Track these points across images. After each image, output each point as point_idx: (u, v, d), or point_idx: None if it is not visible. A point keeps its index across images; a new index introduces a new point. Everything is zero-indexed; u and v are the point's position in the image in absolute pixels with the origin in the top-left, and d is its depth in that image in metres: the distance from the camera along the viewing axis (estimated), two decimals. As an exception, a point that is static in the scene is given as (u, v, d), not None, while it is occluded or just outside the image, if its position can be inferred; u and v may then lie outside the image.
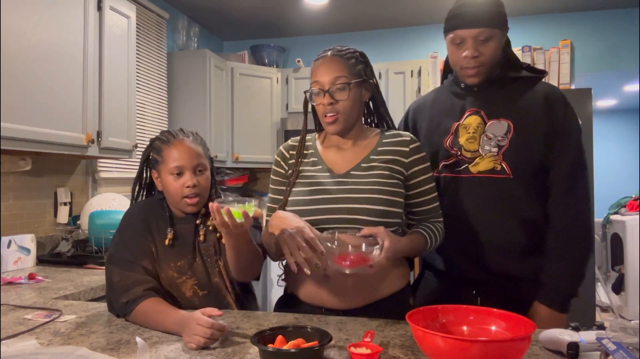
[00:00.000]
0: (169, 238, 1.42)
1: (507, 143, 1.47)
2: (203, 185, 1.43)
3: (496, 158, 1.48)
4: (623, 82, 5.38)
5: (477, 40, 1.44)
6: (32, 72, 2.05)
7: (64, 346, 1.14)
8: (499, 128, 1.49)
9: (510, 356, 0.90)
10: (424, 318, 1.04)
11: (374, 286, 1.32)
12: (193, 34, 3.99)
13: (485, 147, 1.49)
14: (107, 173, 3.09)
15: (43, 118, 2.09)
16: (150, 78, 3.54)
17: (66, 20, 2.23)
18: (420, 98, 1.75)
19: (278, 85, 4.21)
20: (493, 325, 1.06)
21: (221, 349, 1.11)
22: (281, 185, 1.45)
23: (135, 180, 1.52)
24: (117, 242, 1.43)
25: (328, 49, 1.40)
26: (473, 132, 1.51)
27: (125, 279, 1.34)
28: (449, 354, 0.90)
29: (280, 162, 1.47)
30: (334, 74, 1.33)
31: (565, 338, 1.05)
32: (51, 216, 2.66)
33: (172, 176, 1.40)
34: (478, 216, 1.49)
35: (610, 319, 3.26)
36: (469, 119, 1.53)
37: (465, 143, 1.52)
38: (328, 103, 1.33)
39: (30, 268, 2.31)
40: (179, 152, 1.40)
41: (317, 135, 1.49)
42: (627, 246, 4.52)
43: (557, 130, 1.47)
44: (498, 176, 1.48)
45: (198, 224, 1.46)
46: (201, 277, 1.43)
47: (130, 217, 1.47)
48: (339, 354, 1.07)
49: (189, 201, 1.40)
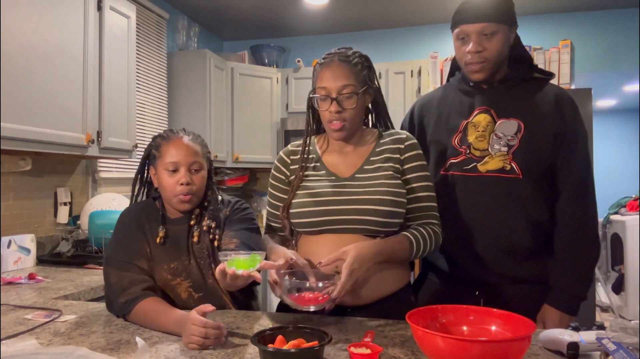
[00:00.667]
0: (160, 236, 1.42)
1: (517, 142, 1.47)
2: (197, 185, 1.42)
3: (506, 157, 1.47)
4: (623, 82, 5.38)
5: (481, 35, 1.44)
6: (32, 72, 2.05)
7: (63, 346, 1.14)
8: (509, 128, 1.48)
9: (511, 356, 0.90)
10: (424, 318, 1.04)
11: (373, 286, 1.32)
12: (193, 34, 3.99)
13: (495, 145, 1.49)
14: (107, 173, 3.09)
15: (43, 118, 2.09)
16: (150, 78, 3.54)
17: (66, 20, 2.23)
18: (426, 95, 1.73)
19: (278, 85, 4.21)
20: (493, 325, 1.06)
21: (221, 349, 1.11)
22: (281, 191, 1.45)
23: (135, 177, 1.52)
24: (113, 244, 1.44)
25: (333, 51, 1.38)
26: (482, 130, 1.50)
27: (122, 279, 1.34)
28: (449, 354, 0.90)
29: (280, 167, 1.47)
30: (342, 82, 1.33)
31: (565, 338, 1.05)
32: (51, 216, 2.66)
33: (167, 172, 1.40)
34: (484, 216, 1.48)
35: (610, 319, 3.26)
36: (479, 117, 1.52)
37: (474, 141, 1.51)
38: (335, 111, 1.33)
39: (30, 268, 2.31)
40: (176, 148, 1.41)
41: (315, 140, 1.49)
42: (627, 246, 4.52)
43: (566, 132, 1.47)
44: (507, 175, 1.47)
45: (192, 225, 1.45)
46: (196, 279, 1.42)
47: (124, 218, 1.48)
48: (339, 354, 1.07)
49: (182, 198, 1.39)
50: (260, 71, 4.17)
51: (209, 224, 1.43)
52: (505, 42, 1.47)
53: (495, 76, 1.52)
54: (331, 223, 1.32)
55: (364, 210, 1.30)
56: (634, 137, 7.36)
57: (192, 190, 1.40)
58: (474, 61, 1.46)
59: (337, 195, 1.33)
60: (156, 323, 1.25)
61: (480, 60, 1.46)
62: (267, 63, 4.31)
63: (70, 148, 2.27)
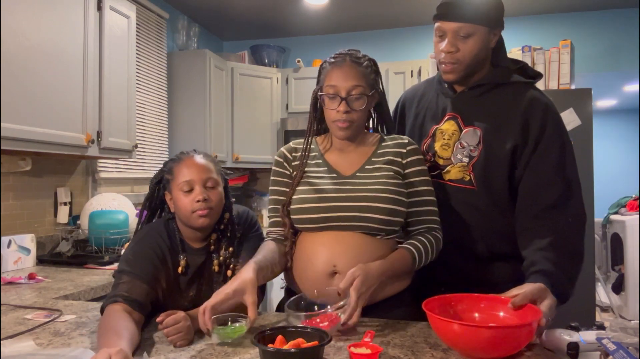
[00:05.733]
0: (182, 266, 1.37)
1: (477, 154, 1.42)
2: (214, 201, 1.37)
3: (466, 168, 1.43)
4: (623, 82, 5.39)
5: (457, 35, 1.36)
6: (32, 72, 2.05)
7: (60, 348, 1.14)
8: (473, 137, 1.42)
9: (521, 339, 1.02)
10: (439, 306, 1.13)
11: (377, 288, 1.32)
12: (193, 34, 3.99)
13: (457, 155, 1.44)
14: (107, 173, 3.09)
15: (43, 118, 2.09)
16: (150, 78, 3.54)
17: (66, 20, 2.23)
18: (411, 88, 1.69)
19: (278, 85, 4.21)
20: (501, 311, 1.15)
21: (221, 349, 1.11)
22: (284, 186, 1.44)
23: (145, 202, 1.48)
24: (128, 259, 1.35)
25: (344, 52, 1.38)
26: (447, 138, 1.46)
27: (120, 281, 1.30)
28: (465, 339, 1.00)
29: (282, 162, 1.46)
30: (352, 82, 1.33)
31: (565, 338, 1.05)
32: (51, 216, 2.66)
33: (182, 192, 1.36)
34: (447, 223, 1.43)
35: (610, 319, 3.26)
36: (446, 124, 1.48)
37: (439, 149, 1.47)
38: (344, 111, 1.33)
39: (30, 268, 2.31)
40: (188, 167, 1.38)
41: (317, 138, 1.49)
42: (627, 246, 4.52)
43: (533, 141, 1.37)
44: (465, 187, 1.43)
45: (211, 252, 1.41)
46: None
47: (144, 241, 1.40)
48: (339, 354, 1.07)
49: (200, 213, 1.34)
50: (260, 71, 4.17)
51: (226, 254, 1.41)
52: (483, 45, 1.39)
53: (470, 79, 1.45)
54: (333, 220, 1.32)
55: (365, 207, 1.31)
56: (634, 137, 7.36)
57: (210, 206, 1.36)
58: (446, 61, 1.40)
59: (339, 192, 1.34)
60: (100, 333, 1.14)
61: (452, 61, 1.39)
62: (267, 63, 4.31)
63: (70, 148, 2.27)
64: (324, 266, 1.31)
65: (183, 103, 3.73)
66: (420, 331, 1.23)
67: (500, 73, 1.46)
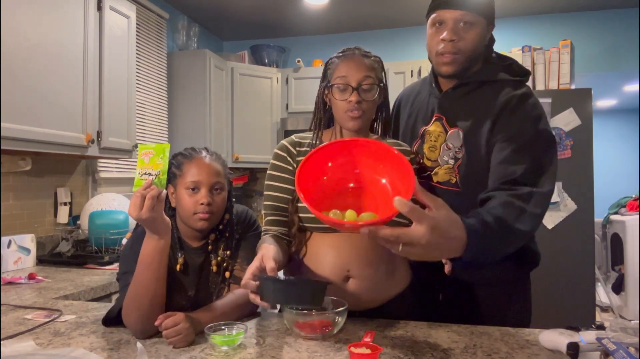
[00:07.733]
0: (179, 263, 1.37)
1: (461, 155, 1.40)
2: (218, 205, 1.37)
3: (452, 170, 1.42)
4: (623, 82, 5.38)
5: (459, 23, 1.33)
6: (32, 72, 2.05)
7: (60, 348, 1.14)
8: (457, 139, 1.41)
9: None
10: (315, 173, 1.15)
11: (381, 290, 1.31)
12: (193, 34, 3.99)
13: (444, 157, 1.43)
14: (107, 173, 3.09)
15: (43, 118, 2.10)
16: (150, 78, 3.54)
17: (66, 20, 2.23)
18: (409, 87, 1.68)
19: (278, 85, 4.21)
20: (384, 178, 1.14)
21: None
22: (286, 182, 1.40)
23: None
24: (129, 258, 1.34)
25: (351, 48, 1.39)
26: (434, 140, 1.45)
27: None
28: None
29: (286, 157, 1.43)
30: (364, 73, 1.33)
31: (565, 338, 1.05)
32: (51, 216, 2.66)
33: (188, 191, 1.35)
34: None
35: (610, 319, 3.26)
36: (433, 126, 1.47)
37: (427, 151, 1.47)
38: (356, 101, 1.32)
39: (30, 268, 2.31)
40: (198, 167, 1.36)
41: (322, 135, 1.46)
42: (627, 246, 4.52)
43: (505, 138, 1.32)
44: (452, 189, 1.42)
45: (210, 252, 1.41)
46: None
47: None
48: (339, 354, 1.07)
49: (201, 216, 1.34)
50: (260, 71, 4.17)
51: (224, 255, 1.40)
52: (482, 37, 1.37)
53: (464, 75, 1.41)
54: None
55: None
56: (634, 137, 7.36)
57: (212, 210, 1.35)
58: (447, 51, 1.35)
59: None
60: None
61: (454, 51, 1.35)
62: (267, 63, 4.31)
63: (70, 148, 2.27)
64: (338, 270, 1.28)
65: (183, 103, 3.73)
66: (420, 331, 1.23)
67: (486, 71, 1.42)
